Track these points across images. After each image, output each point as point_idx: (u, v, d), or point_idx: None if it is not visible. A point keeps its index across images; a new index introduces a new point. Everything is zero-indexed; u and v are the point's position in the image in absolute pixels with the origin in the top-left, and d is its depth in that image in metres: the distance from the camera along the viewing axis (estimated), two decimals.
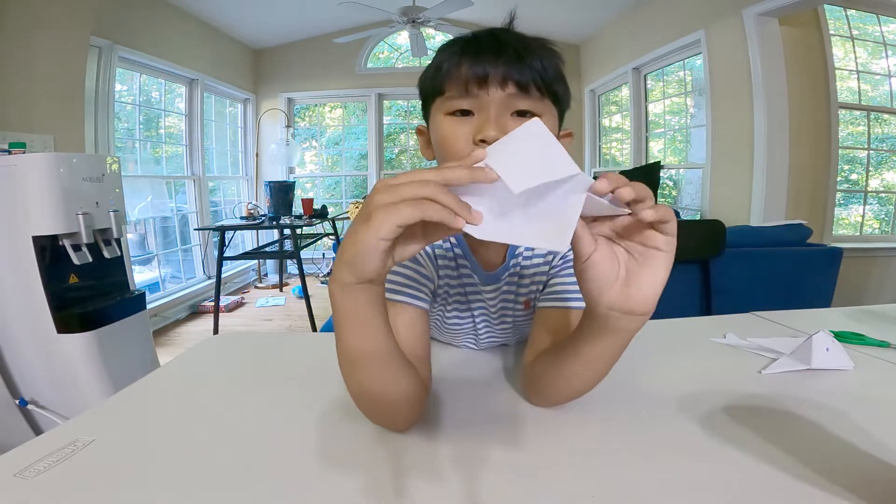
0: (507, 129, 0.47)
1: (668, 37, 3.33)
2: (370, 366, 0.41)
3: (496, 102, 0.47)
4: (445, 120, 0.50)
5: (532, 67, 0.47)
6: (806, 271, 1.98)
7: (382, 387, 0.42)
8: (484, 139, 0.46)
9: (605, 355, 0.44)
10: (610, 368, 0.46)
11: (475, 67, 0.47)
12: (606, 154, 4.71)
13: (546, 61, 0.49)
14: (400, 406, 0.44)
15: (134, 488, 0.39)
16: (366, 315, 0.38)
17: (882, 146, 3.07)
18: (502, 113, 0.48)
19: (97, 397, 1.64)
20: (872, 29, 2.92)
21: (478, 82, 0.47)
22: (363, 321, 0.38)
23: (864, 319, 0.82)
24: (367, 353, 0.40)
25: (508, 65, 0.47)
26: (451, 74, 0.49)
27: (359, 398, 0.45)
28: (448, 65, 0.49)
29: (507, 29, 0.52)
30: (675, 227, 0.35)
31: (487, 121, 0.47)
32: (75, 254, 1.62)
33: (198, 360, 0.72)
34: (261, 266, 4.63)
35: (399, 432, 0.47)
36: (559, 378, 0.48)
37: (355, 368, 0.42)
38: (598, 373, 0.46)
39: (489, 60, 0.47)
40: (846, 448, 0.42)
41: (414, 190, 0.31)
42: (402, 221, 0.31)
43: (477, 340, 0.69)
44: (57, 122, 2.34)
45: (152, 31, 3.22)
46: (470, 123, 0.48)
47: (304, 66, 4.74)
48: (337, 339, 0.40)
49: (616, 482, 0.38)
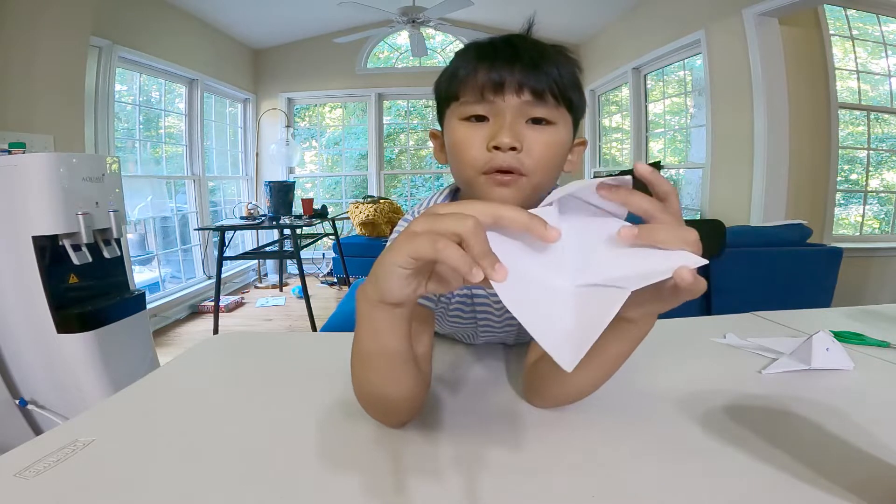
0: (521, 137, 0.47)
1: (668, 37, 3.33)
2: (379, 367, 0.42)
3: (511, 109, 0.47)
4: (460, 125, 0.50)
5: (548, 74, 0.47)
6: (806, 271, 1.99)
7: (387, 387, 0.43)
8: (497, 146, 0.46)
9: (610, 361, 0.44)
10: (613, 373, 0.46)
11: (491, 73, 0.47)
12: (606, 154, 4.71)
13: (562, 69, 0.49)
14: (400, 405, 0.45)
15: (134, 488, 0.39)
16: (384, 329, 0.38)
17: (882, 146, 3.07)
18: (517, 120, 0.48)
19: (97, 397, 1.64)
20: (872, 29, 2.92)
21: (493, 88, 0.47)
22: (381, 333, 0.39)
23: (864, 319, 0.82)
24: (379, 355, 0.41)
25: (524, 72, 0.47)
26: (466, 80, 0.49)
27: (361, 393, 0.46)
28: (464, 71, 0.49)
29: (524, 36, 0.52)
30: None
31: (502, 127, 0.47)
32: (75, 254, 1.62)
33: (198, 360, 0.72)
34: (261, 266, 4.63)
35: (395, 428, 0.47)
36: (560, 381, 0.48)
37: (364, 366, 0.43)
38: (600, 378, 0.47)
39: (505, 67, 0.47)
40: (846, 448, 0.42)
41: (448, 224, 0.30)
42: (414, 253, 0.30)
43: (476, 336, 0.69)
44: (57, 122, 2.34)
45: (152, 31, 3.22)
46: (484, 129, 0.48)
47: (304, 66, 4.74)
48: (354, 336, 0.41)
49: (616, 482, 0.38)
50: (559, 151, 0.50)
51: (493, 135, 0.47)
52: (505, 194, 0.48)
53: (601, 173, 4.36)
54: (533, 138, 0.48)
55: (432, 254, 0.29)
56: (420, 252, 0.30)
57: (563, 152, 0.51)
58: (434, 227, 0.30)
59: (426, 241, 0.30)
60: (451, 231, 0.29)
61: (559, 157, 0.51)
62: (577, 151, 0.56)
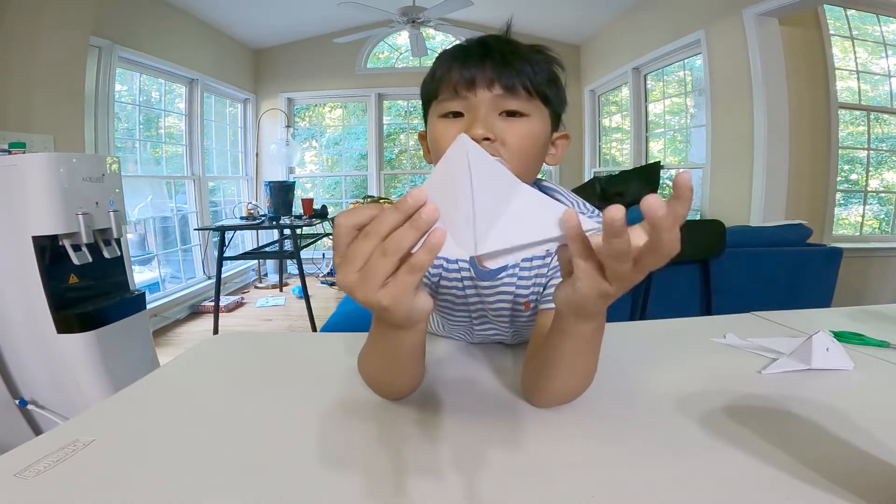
0: (494, 129, 0.50)
1: (668, 37, 3.33)
2: (385, 360, 0.47)
3: (485, 103, 0.50)
4: (438, 122, 0.54)
5: (519, 70, 0.50)
6: (806, 271, 1.98)
7: (391, 377, 0.49)
8: (472, 137, 0.47)
9: (577, 361, 0.45)
10: (586, 373, 0.47)
11: (463, 71, 0.51)
12: (606, 154, 4.71)
13: (535, 65, 0.51)
14: (404, 388, 0.51)
15: (134, 488, 0.38)
16: (392, 338, 0.42)
17: (882, 146, 3.07)
18: (491, 113, 0.51)
19: (97, 397, 1.64)
20: (872, 29, 2.92)
21: (466, 85, 0.51)
22: (389, 342, 0.43)
23: (864, 319, 0.82)
24: (399, 353, 0.45)
25: (495, 68, 0.50)
26: (442, 79, 0.52)
27: (365, 374, 0.51)
28: (440, 71, 0.53)
29: (497, 36, 0.55)
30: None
31: (476, 120, 0.50)
32: (75, 254, 1.62)
33: (198, 360, 0.72)
34: (261, 266, 4.63)
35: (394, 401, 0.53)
36: (543, 383, 0.48)
37: (381, 362, 0.48)
38: (576, 380, 0.47)
39: (476, 64, 0.50)
40: (846, 448, 0.42)
41: (377, 272, 0.30)
42: (385, 297, 0.31)
43: (472, 334, 0.69)
44: (57, 122, 2.34)
45: (152, 31, 3.22)
46: (460, 124, 0.51)
47: (304, 66, 4.74)
48: (369, 335, 0.47)
49: (616, 482, 0.38)
50: (534, 143, 0.52)
51: (467, 127, 0.49)
52: None
53: (601, 173, 4.36)
54: (507, 130, 0.50)
55: (390, 267, 0.30)
56: (389, 292, 0.31)
57: (540, 144, 0.54)
58: (371, 276, 0.31)
59: (380, 288, 0.31)
60: (386, 270, 0.31)
61: (535, 148, 0.53)
62: (561, 145, 0.59)
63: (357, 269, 0.31)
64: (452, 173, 0.30)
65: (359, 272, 0.31)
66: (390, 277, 0.31)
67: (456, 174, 0.30)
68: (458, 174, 0.30)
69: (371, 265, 0.31)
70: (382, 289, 0.31)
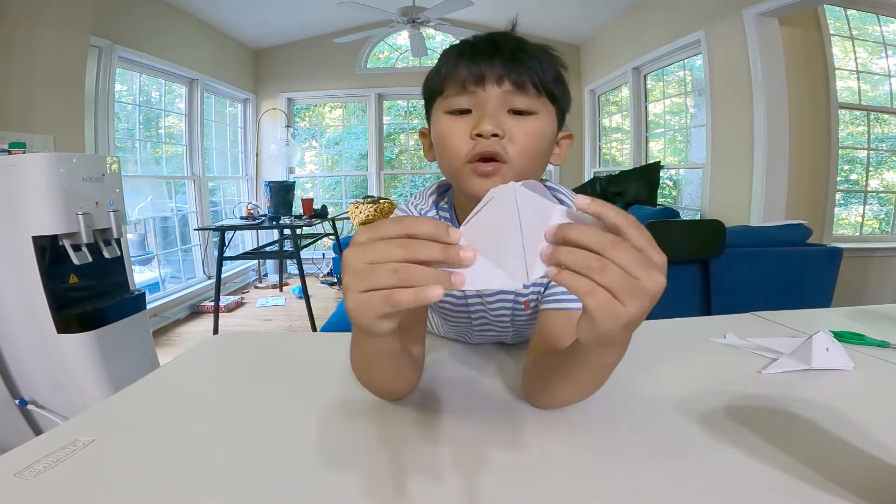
0: (503, 126, 0.49)
1: (667, 37, 3.33)
2: (375, 364, 0.47)
3: (493, 99, 0.49)
4: (444, 118, 0.52)
5: (528, 67, 0.49)
6: (806, 271, 1.98)
7: (383, 381, 0.50)
8: (480, 133, 0.48)
9: (590, 380, 0.45)
10: (595, 388, 0.47)
11: (472, 67, 0.49)
12: (606, 154, 4.71)
13: (543, 63, 0.50)
14: (390, 388, 0.52)
15: (134, 488, 0.39)
16: (376, 347, 0.43)
17: (882, 146, 3.07)
18: (499, 109, 0.49)
19: (97, 397, 1.64)
20: (872, 29, 2.92)
21: (475, 80, 0.49)
22: (364, 343, 0.44)
23: (864, 319, 0.82)
24: (373, 357, 0.46)
25: (505, 64, 0.49)
26: (449, 75, 0.51)
27: (361, 379, 0.51)
28: (447, 67, 0.52)
29: (505, 33, 0.54)
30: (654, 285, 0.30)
31: (484, 116, 0.48)
32: (75, 254, 1.62)
33: (198, 360, 0.72)
34: (261, 266, 4.63)
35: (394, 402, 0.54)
36: (547, 390, 0.49)
37: (362, 364, 0.48)
38: (585, 392, 0.48)
39: (486, 60, 0.49)
40: (846, 448, 0.42)
41: (380, 278, 0.30)
42: (375, 312, 0.31)
43: (471, 335, 0.69)
44: (57, 122, 2.34)
45: (152, 31, 3.22)
46: (468, 120, 0.50)
47: (304, 66, 4.74)
48: (351, 339, 0.46)
49: (616, 482, 0.38)
50: (542, 141, 0.52)
51: (476, 123, 0.49)
52: (487, 185, 0.49)
53: (601, 173, 4.36)
54: (515, 127, 0.49)
55: (395, 306, 0.30)
56: (377, 310, 0.31)
57: (547, 142, 0.53)
58: (374, 282, 0.30)
59: (379, 301, 0.31)
60: (391, 285, 0.30)
61: (542, 147, 0.52)
62: (564, 144, 0.58)
63: (370, 262, 0.31)
64: (498, 215, 0.31)
65: (370, 265, 0.31)
66: (374, 291, 0.31)
67: (502, 215, 0.31)
68: (504, 215, 0.31)
69: (377, 269, 0.31)
70: (361, 293, 0.31)
